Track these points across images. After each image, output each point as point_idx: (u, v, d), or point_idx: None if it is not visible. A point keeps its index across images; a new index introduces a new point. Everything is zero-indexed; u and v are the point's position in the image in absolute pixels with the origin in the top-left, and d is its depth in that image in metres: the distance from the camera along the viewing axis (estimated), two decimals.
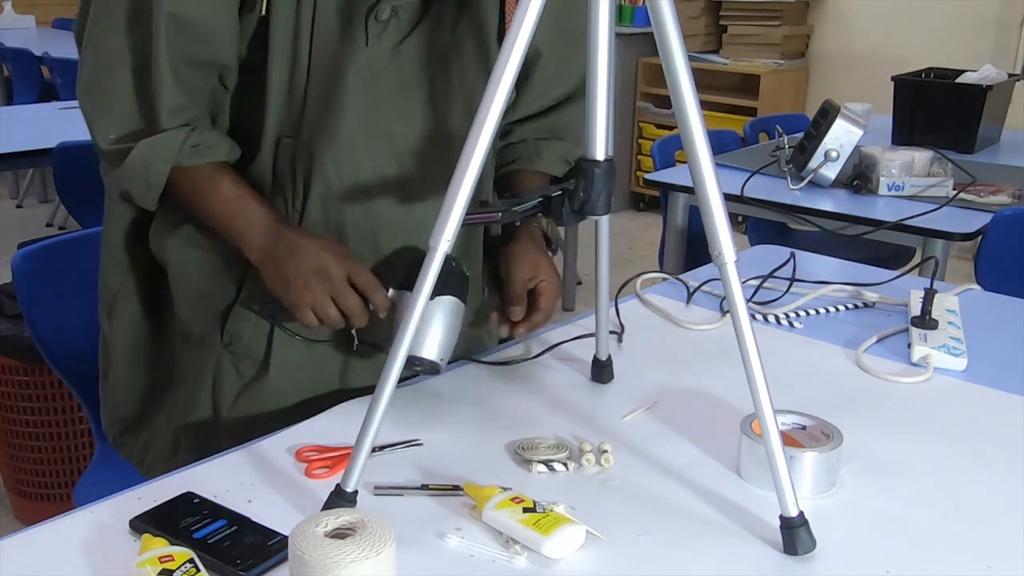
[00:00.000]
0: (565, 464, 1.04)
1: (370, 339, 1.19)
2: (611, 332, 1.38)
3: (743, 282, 1.24)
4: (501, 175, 1.35)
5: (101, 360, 1.34)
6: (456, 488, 1.00)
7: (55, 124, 3.25)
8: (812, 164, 2.43)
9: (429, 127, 1.19)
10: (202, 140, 1.14)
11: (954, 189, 2.35)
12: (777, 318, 1.47)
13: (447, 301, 1.12)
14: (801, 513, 0.91)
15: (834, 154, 2.40)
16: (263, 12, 1.12)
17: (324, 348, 1.22)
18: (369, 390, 0.96)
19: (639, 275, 1.60)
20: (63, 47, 5.00)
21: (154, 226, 1.25)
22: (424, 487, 1.00)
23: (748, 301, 1.32)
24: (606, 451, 1.06)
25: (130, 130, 1.15)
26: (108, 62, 1.15)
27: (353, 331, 1.15)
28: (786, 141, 2.69)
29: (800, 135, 2.61)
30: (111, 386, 1.33)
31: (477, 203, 1.18)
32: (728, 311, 1.20)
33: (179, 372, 1.27)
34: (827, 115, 2.44)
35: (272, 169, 1.17)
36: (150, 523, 0.91)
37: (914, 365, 1.32)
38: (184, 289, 1.23)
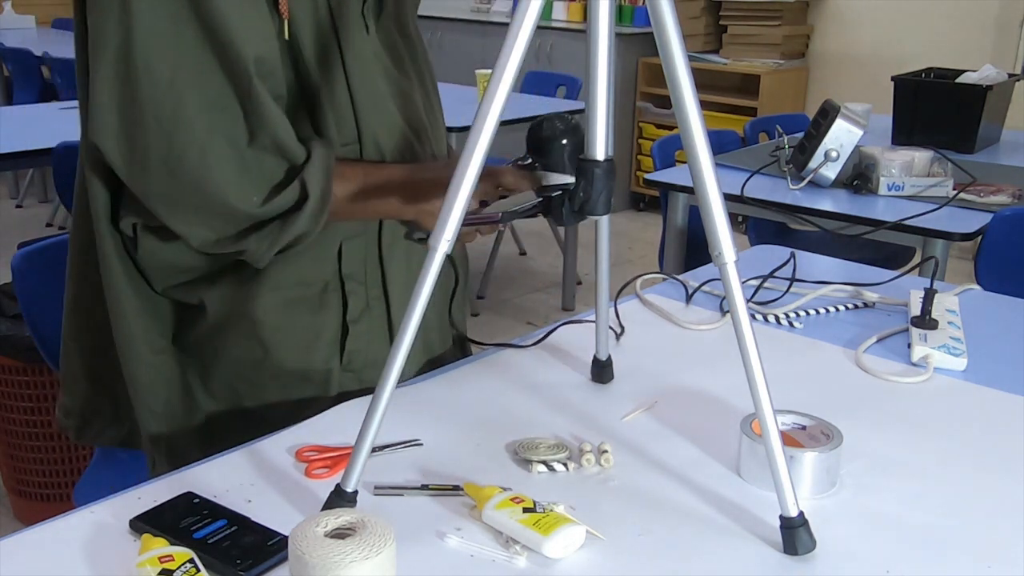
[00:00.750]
0: (565, 464, 1.04)
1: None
2: (621, 334, 1.38)
3: (743, 282, 1.24)
4: None
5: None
6: (456, 488, 1.00)
7: (55, 124, 3.25)
8: (812, 164, 2.43)
9: (420, 97, 1.27)
10: (325, 147, 1.12)
11: (954, 189, 2.35)
12: (777, 318, 1.47)
13: None
14: (801, 513, 0.91)
15: (834, 154, 2.40)
16: (287, 37, 1.10)
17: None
18: (370, 390, 0.96)
19: (639, 276, 1.60)
20: (63, 47, 5.01)
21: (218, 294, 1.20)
22: (424, 487, 1.00)
23: (748, 301, 1.32)
24: (606, 451, 1.06)
25: (277, 180, 1.08)
26: (206, 128, 1.04)
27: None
28: (786, 141, 2.69)
29: (800, 135, 2.61)
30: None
31: (477, 203, 1.18)
32: (728, 311, 1.20)
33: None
34: (827, 115, 2.44)
35: None
36: (150, 523, 0.91)
37: (914, 365, 1.32)
38: (290, 338, 1.20)
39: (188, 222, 1.08)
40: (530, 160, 1.14)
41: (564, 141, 1.13)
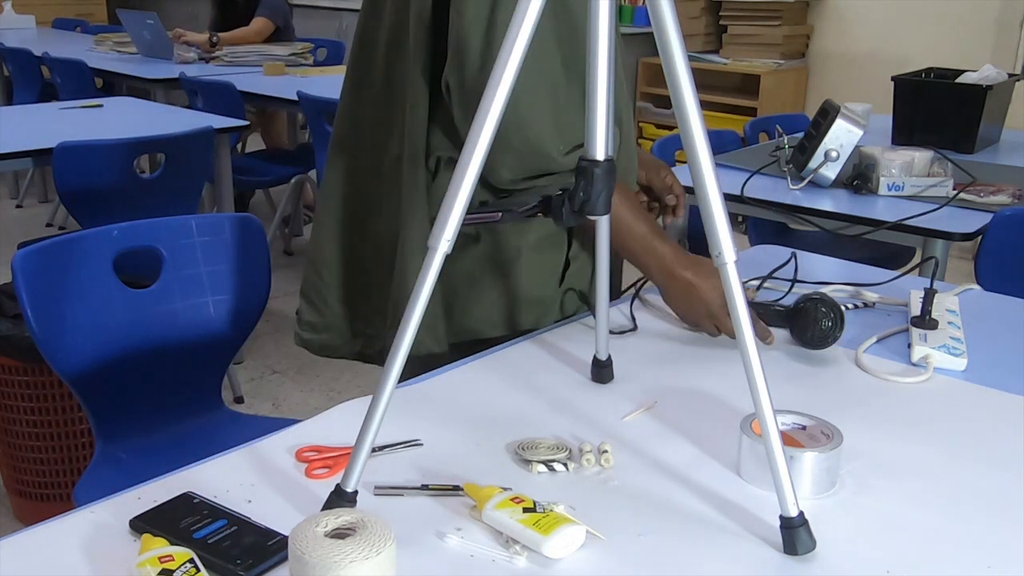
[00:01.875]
0: (565, 464, 1.04)
1: None
2: (619, 332, 1.38)
3: (743, 282, 1.24)
4: None
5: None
6: (456, 488, 1.00)
7: (55, 124, 3.25)
8: (812, 164, 2.42)
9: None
10: None
11: (954, 189, 2.35)
12: None
13: None
14: (801, 513, 0.91)
15: (834, 154, 2.40)
16: None
17: None
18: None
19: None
20: (63, 47, 5.01)
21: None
22: (424, 487, 1.00)
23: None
24: (606, 451, 1.06)
25: (579, 142, 1.20)
26: (542, 84, 1.26)
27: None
28: (786, 141, 2.68)
29: (800, 135, 2.60)
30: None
31: (477, 203, 1.18)
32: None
33: None
34: (827, 115, 2.44)
35: None
36: (150, 523, 0.91)
37: (914, 365, 1.32)
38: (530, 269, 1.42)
39: (497, 158, 1.25)
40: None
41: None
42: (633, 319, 1.46)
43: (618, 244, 1.35)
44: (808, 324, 1.34)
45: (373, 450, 0.95)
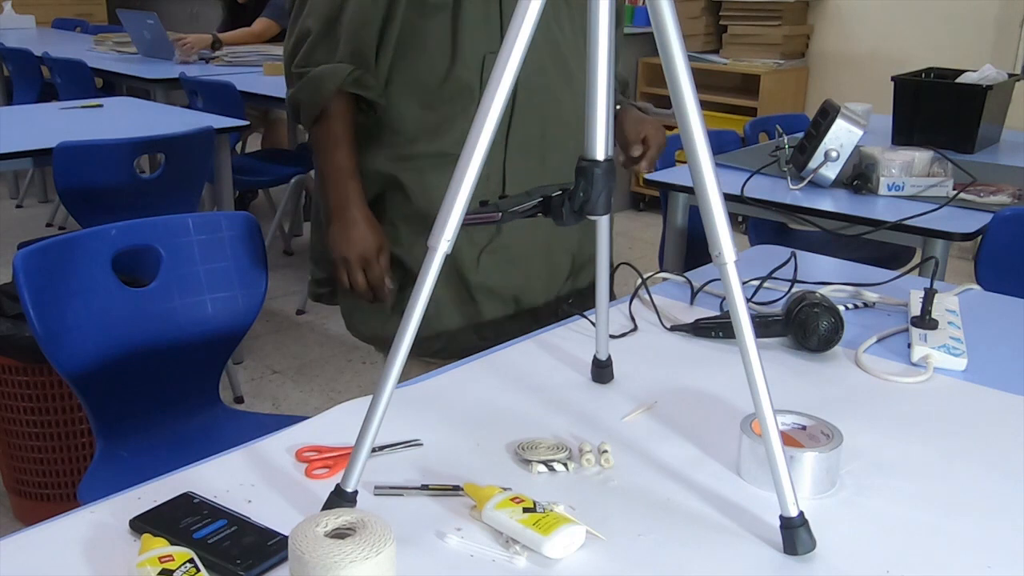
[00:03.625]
0: (565, 464, 1.04)
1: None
2: (621, 335, 1.38)
3: (743, 282, 1.24)
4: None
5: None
6: (456, 488, 1.00)
7: (55, 124, 3.25)
8: (812, 164, 2.42)
9: (574, 31, 1.60)
10: (362, 78, 1.50)
11: (954, 189, 2.34)
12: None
13: None
14: (801, 513, 0.91)
15: (834, 154, 2.40)
16: None
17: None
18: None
19: (655, 273, 1.60)
20: (63, 47, 5.00)
21: (368, 150, 1.58)
22: (424, 487, 1.00)
23: (748, 301, 1.32)
24: (606, 451, 1.06)
25: (314, 61, 1.51)
26: (312, 10, 1.51)
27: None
28: (786, 141, 2.68)
29: (800, 135, 2.60)
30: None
31: (477, 203, 1.18)
32: (728, 311, 1.20)
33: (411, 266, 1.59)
34: (827, 115, 2.44)
35: (479, 78, 1.50)
36: (150, 523, 0.91)
37: (914, 365, 1.32)
38: (418, 192, 1.56)
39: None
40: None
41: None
42: (633, 319, 1.46)
43: (318, 162, 1.56)
44: (808, 333, 1.34)
45: (373, 450, 0.95)
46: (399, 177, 1.56)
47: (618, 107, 1.61)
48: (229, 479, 1.01)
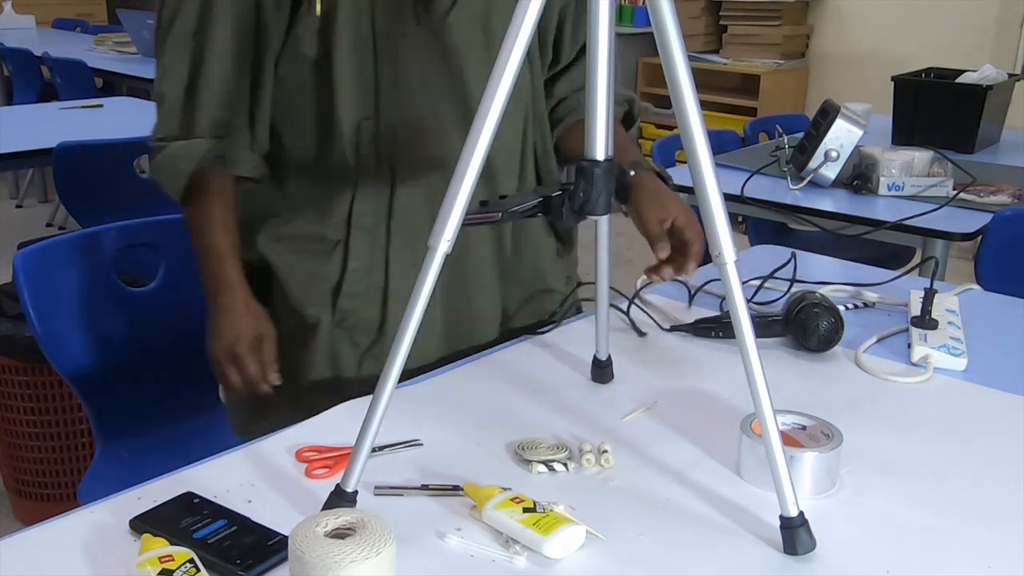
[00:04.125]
0: (565, 464, 1.04)
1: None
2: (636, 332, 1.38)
3: (743, 282, 1.24)
4: (559, 137, 1.44)
5: None
6: (456, 488, 1.00)
7: (55, 124, 3.25)
8: (812, 164, 2.42)
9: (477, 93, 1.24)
10: (228, 153, 1.27)
11: (954, 189, 2.35)
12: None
13: None
14: (801, 513, 0.91)
15: (834, 154, 2.40)
16: (318, 13, 1.22)
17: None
18: (369, 389, 0.96)
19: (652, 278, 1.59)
20: (63, 47, 5.00)
21: (250, 227, 1.33)
22: (424, 487, 1.00)
23: (748, 301, 1.32)
24: (606, 451, 1.06)
25: (171, 134, 1.28)
26: (166, 72, 1.28)
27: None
28: (786, 141, 2.68)
29: (800, 135, 2.60)
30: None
31: (477, 203, 1.18)
32: (728, 311, 1.20)
33: (289, 364, 1.32)
34: (827, 115, 2.44)
35: (356, 152, 1.27)
36: (150, 523, 0.91)
37: (914, 365, 1.32)
38: (290, 281, 1.33)
39: None
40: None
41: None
42: (632, 320, 1.45)
43: (192, 240, 1.32)
44: (808, 333, 1.34)
45: (373, 450, 0.95)
46: (273, 261, 1.32)
47: (632, 173, 1.21)
48: (229, 479, 1.01)
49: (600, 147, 1.04)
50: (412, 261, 1.28)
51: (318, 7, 1.22)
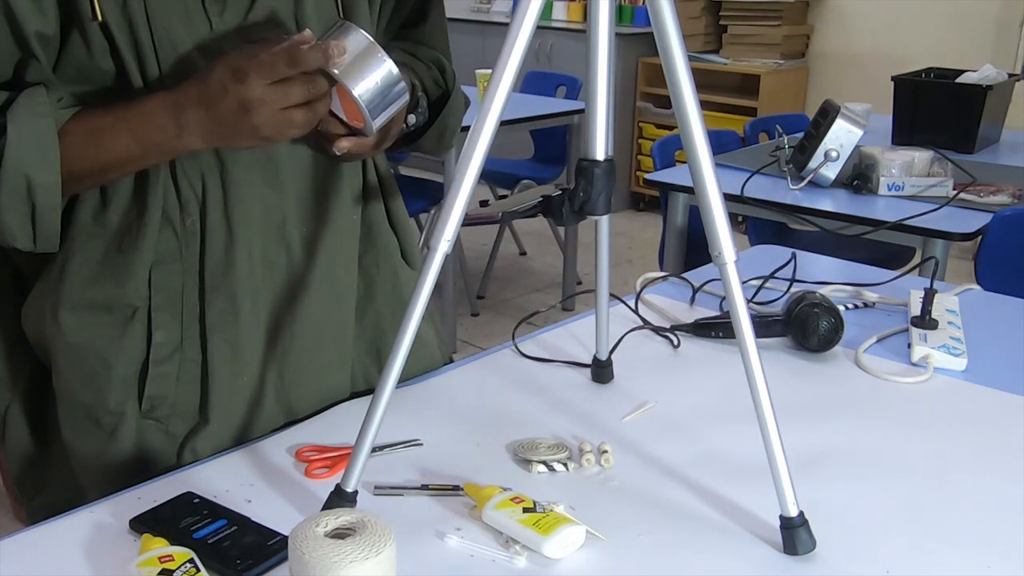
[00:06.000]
0: (565, 464, 1.04)
1: None
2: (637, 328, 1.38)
3: (743, 282, 1.24)
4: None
5: None
6: (456, 488, 1.00)
7: None
8: (812, 164, 2.43)
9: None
10: (53, 97, 0.96)
11: (954, 189, 2.35)
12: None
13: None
14: (801, 513, 0.91)
15: (834, 154, 2.40)
16: (100, 18, 0.95)
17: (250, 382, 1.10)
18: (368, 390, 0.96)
19: (665, 276, 1.60)
20: None
21: (29, 305, 1.09)
22: (424, 487, 1.00)
23: (748, 301, 1.32)
24: (606, 451, 1.06)
25: None
26: None
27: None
28: (786, 141, 2.69)
29: (800, 135, 2.61)
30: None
31: (476, 203, 1.18)
32: (728, 311, 1.20)
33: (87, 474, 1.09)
34: (827, 115, 2.44)
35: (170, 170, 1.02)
36: (150, 523, 0.91)
37: (914, 365, 1.32)
38: (81, 369, 1.06)
39: None
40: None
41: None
42: (633, 320, 1.45)
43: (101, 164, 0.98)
44: (808, 333, 1.34)
45: (373, 450, 0.95)
46: (53, 344, 1.08)
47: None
48: (229, 479, 1.01)
49: (600, 147, 1.04)
50: (239, 327, 1.06)
51: (98, 11, 0.95)
